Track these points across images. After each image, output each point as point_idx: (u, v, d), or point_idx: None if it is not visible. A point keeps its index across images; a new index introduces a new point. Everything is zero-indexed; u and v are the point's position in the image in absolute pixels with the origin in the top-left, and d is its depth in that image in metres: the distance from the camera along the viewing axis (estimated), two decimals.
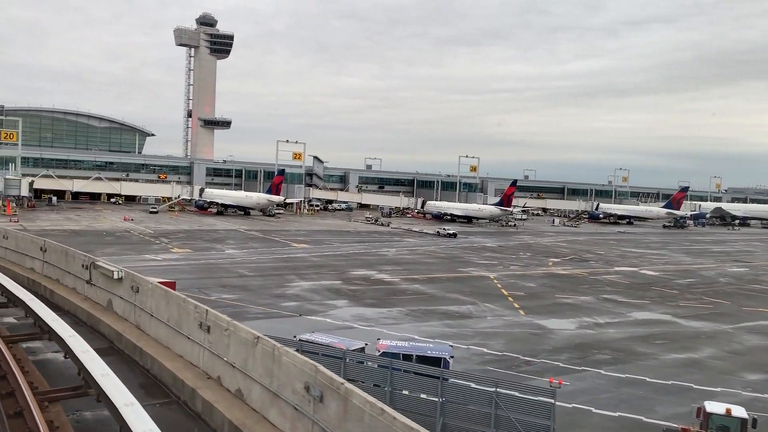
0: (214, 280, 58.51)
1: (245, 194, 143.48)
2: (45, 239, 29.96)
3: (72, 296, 26.83)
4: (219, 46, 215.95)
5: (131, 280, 23.42)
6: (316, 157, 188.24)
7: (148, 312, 22.07)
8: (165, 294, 21.67)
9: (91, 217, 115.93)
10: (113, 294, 24.30)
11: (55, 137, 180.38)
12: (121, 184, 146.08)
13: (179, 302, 20.74)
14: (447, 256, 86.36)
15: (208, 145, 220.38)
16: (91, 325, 24.17)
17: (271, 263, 71.08)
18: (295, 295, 52.81)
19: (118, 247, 78.31)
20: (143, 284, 23.20)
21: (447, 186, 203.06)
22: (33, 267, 30.83)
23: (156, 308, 21.97)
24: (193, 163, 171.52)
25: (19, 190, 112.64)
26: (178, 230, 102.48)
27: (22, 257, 32.16)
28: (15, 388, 16.69)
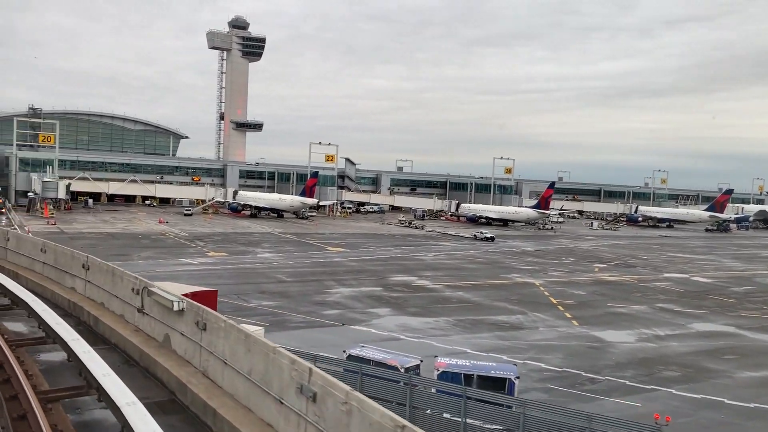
0: (253, 285, 56.93)
1: (278, 197, 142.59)
2: (88, 255, 25.93)
3: (120, 326, 21.89)
4: (251, 48, 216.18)
5: (196, 314, 18.07)
6: (348, 159, 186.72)
7: (219, 357, 16.77)
8: (245, 339, 15.81)
9: (126, 220, 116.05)
10: (172, 329, 19.36)
11: (91, 140, 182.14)
12: (156, 187, 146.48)
13: (266, 352, 14.66)
14: (487, 261, 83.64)
15: (240, 147, 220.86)
16: (145, 366, 19.15)
17: (309, 268, 69.34)
18: (335, 303, 50.86)
19: (154, 250, 77.51)
20: (213, 320, 17.35)
21: (480, 188, 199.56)
22: (74, 286, 26.70)
23: (231, 354, 16.25)
24: (227, 165, 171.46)
25: (56, 193, 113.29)
26: (213, 233, 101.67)
27: (61, 274, 28.00)
28: None
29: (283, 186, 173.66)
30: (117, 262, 67.05)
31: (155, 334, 20.51)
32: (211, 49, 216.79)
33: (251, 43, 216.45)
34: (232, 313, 43.19)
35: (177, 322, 19.01)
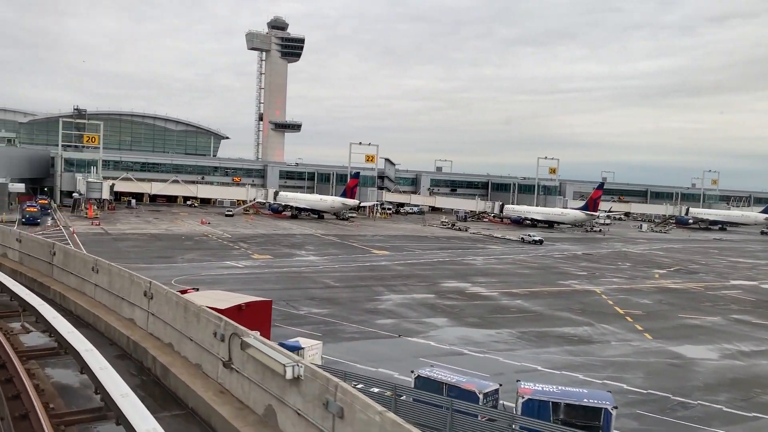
0: (300, 291, 54.72)
1: (319, 198, 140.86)
2: (151, 281, 20.99)
3: (198, 383, 15.94)
4: (290, 49, 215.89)
5: (323, 388, 11.95)
6: (387, 160, 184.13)
7: None
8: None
9: (168, 220, 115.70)
10: (280, 400, 13.32)
11: (134, 140, 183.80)
12: (197, 187, 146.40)
13: None
14: (540, 266, 79.96)
15: (278, 148, 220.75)
16: None
17: (355, 272, 66.89)
18: (388, 311, 48.20)
19: (198, 252, 76.17)
20: (355, 404, 11.15)
21: (523, 189, 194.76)
22: (133, 318, 21.64)
23: None
24: (267, 166, 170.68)
25: (100, 193, 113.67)
26: (256, 234, 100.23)
27: (118, 301, 22.80)
28: None
29: (323, 187, 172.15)
30: (161, 265, 66.06)
31: (251, 403, 14.47)
32: (251, 50, 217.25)
33: (290, 44, 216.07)
34: (282, 321, 41.03)
35: (288, 392, 13.04)
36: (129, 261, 66.45)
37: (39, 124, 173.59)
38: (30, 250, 31.63)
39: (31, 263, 31.30)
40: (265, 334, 31.88)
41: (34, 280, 28.70)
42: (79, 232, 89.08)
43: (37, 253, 30.82)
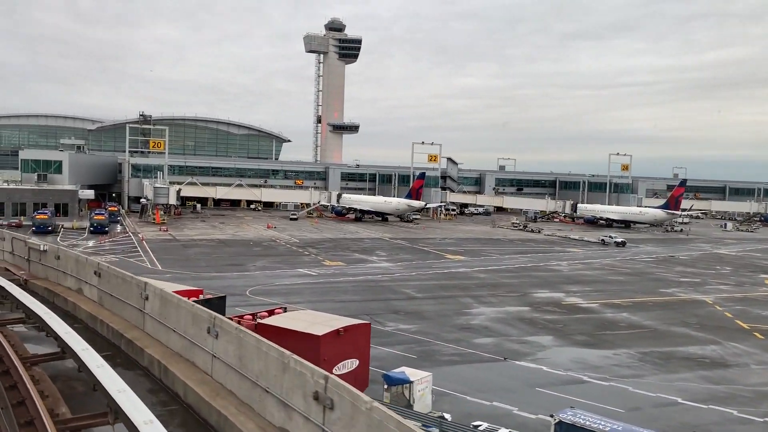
0: (381, 302, 50.79)
1: (384, 199, 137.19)
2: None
3: None
4: (347, 50, 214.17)
5: None
6: (449, 159, 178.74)
7: None
8: None
9: (235, 225, 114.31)
10: None
11: (198, 145, 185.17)
12: (261, 191, 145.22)
13: None
14: (633, 271, 73.61)
15: (336, 149, 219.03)
16: None
17: (435, 280, 62.50)
18: (483, 328, 43.61)
19: (268, 259, 73.47)
20: None
21: (593, 187, 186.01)
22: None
23: None
24: (328, 168, 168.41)
25: (167, 198, 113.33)
26: (323, 239, 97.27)
27: (259, 397, 14.14)
28: None
29: (384, 188, 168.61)
30: (233, 273, 63.49)
31: None
32: (308, 53, 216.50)
33: (347, 45, 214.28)
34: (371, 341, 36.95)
35: None
36: (199, 269, 64.30)
37: (107, 130, 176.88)
38: (113, 288, 23.05)
39: (114, 306, 22.77)
40: (365, 360, 28.10)
41: (120, 335, 20.18)
42: (148, 238, 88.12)
43: (122, 293, 22.18)
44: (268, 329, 26.91)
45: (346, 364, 26.31)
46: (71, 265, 26.61)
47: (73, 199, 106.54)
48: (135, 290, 21.23)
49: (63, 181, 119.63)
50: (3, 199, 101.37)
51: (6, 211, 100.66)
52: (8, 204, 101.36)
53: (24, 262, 30.54)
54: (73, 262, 26.65)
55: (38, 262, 29.37)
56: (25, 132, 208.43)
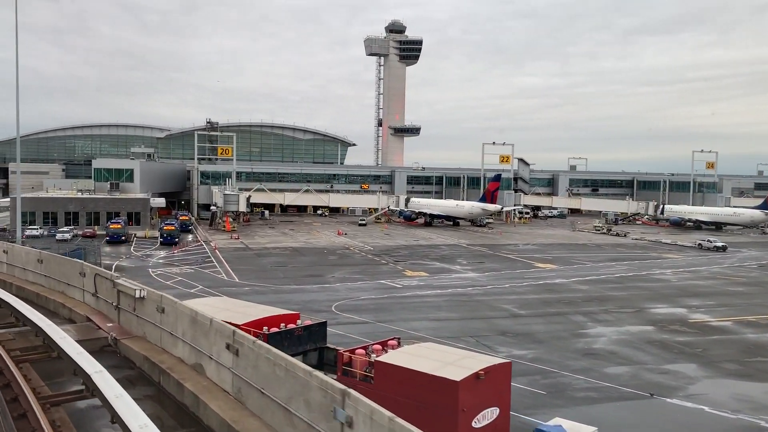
0: (482, 321, 45.63)
1: (455, 203, 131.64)
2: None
3: None
4: (408, 52, 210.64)
5: None
6: (521, 160, 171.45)
7: None
8: None
9: (304, 232, 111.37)
10: None
11: (263, 151, 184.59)
12: (329, 196, 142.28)
13: None
14: (751, 280, 65.72)
15: (398, 152, 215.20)
16: None
17: (534, 294, 56.81)
18: (610, 353, 37.82)
19: (346, 269, 69.42)
20: None
21: (674, 186, 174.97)
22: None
23: None
24: (394, 171, 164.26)
25: (237, 206, 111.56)
26: (397, 246, 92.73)
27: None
28: None
29: (451, 191, 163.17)
30: (314, 286, 59.56)
31: None
32: (369, 56, 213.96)
33: (408, 46, 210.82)
34: None
35: None
36: (277, 281, 60.81)
37: (175, 138, 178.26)
38: (265, 380, 13.99)
39: (266, 411, 13.84)
40: (506, 408, 23.06)
41: None
42: (221, 247, 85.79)
43: (284, 393, 13.18)
44: (388, 370, 22.23)
45: (486, 414, 21.39)
46: (184, 325, 18.08)
47: (145, 207, 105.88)
48: (316, 395, 12.11)
49: (134, 190, 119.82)
50: (77, 208, 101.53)
51: (80, 221, 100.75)
52: (82, 213, 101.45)
53: (112, 309, 21.91)
54: (187, 322, 17.96)
55: (132, 312, 20.64)
56: (97, 141, 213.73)
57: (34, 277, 28.03)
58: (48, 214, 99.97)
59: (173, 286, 57.10)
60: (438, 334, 40.77)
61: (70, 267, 25.59)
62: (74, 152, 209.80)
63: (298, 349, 27.70)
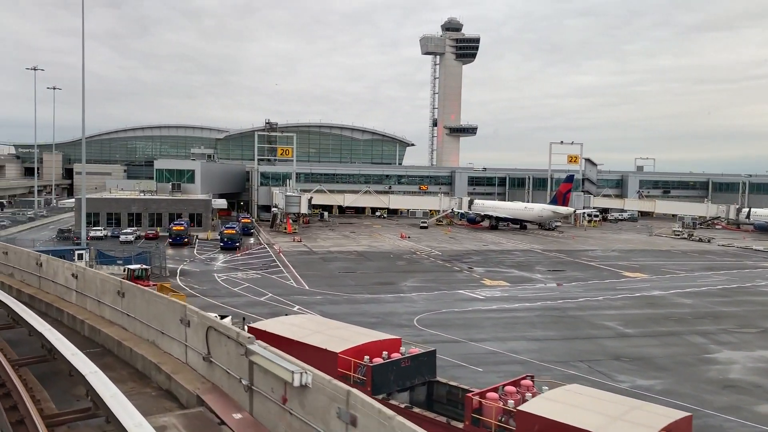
0: (586, 341, 40.50)
1: (524, 205, 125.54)
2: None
3: None
4: (464, 50, 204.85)
5: None
6: (588, 160, 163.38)
7: None
8: None
9: (366, 234, 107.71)
10: None
11: (322, 151, 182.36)
12: (389, 198, 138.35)
13: None
14: None
15: (453, 153, 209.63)
16: None
17: (635, 308, 51.12)
18: (754, 386, 32.19)
19: (418, 276, 65.11)
20: None
21: (754, 188, 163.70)
22: None
23: None
24: (454, 172, 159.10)
25: (299, 207, 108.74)
26: (467, 251, 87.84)
27: None
28: None
29: (515, 192, 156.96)
30: (389, 295, 55.29)
31: None
32: (424, 55, 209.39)
33: (465, 44, 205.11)
34: None
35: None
36: (349, 289, 56.96)
37: (234, 139, 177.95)
38: None
39: None
40: None
41: None
42: (285, 251, 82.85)
43: None
44: (536, 424, 17.53)
45: None
46: None
47: (206, 208, 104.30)
48: None
49: (195, 191, 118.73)
50: (140, 209, 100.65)
51: (143, 222, 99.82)
52: (145, 214, 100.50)
53: (238, 387, 13.06)
54: None
55: (280, 405, 11.69)
56: (157, 142, 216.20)
57: (112, 314, 19.20)
58: (111, 215, 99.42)
59: (241, 293, 54.05)
60: (542, 357, 35.98)
61: (165, 309, 16.46)
62: (135, 153, 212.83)
63: (404, 383, 23.37)
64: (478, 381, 31.13)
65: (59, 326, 18.15)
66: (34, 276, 24.63)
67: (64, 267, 22.82)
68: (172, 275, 62.37)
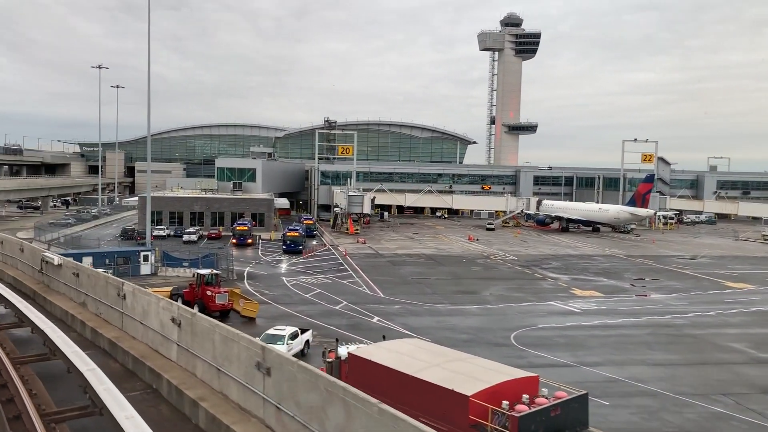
0: (718, 368, 34.91)
1: (598, 206, 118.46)
2: None
3: None
4: (524, 45, 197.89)
5: None
6: (661, 159, 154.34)
7: None
8: None
9: (430, 236, 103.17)
10: None
11: (380, 149, 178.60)
12: (452, 198, 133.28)
13: None
14: None
15: (512, 151, 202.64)
16: None
17: (759, 327, 44.93)
18: None
19: (499, 284, 60.23)
20: None
21: None
22: None
23: None
24: (519, 171, 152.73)
25: (362, 207, 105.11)
26: (543, 256, 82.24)
27: None
28: None
29: (582, 192, 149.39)
30: (472, 306, 50.55)
31: None
32: (482, 51, 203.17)
33: (525, 40, 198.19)
34: None
35: None
36: (426, 297, 52.55)
37: (293, 137, 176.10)
38: None
39: None
40: None
41: None
42: (351, 253, 79.21)
43: None
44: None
45: None
46: None
47: (269, 208, 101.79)
48: None
49: (256, 189, 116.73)
50: (202, 208, 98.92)
51: (205, 221, 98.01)
52: (207, 214, 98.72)
53: None
54: None
55: None
56: (216, 141, 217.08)
57: (244, 398, 13.54)
58: (174, 214, 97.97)
59: (313, 300, 50.41)
60: (674, 388, 30.75)
61: None
62: (194, 152, 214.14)
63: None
64: (608, 418, 26.36)
65: (155, 397, 13.22)
66: (115, 311, 19.75)
67: (159, 306, 17.61)
68: (239, 278, 59.39)
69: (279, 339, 33.19)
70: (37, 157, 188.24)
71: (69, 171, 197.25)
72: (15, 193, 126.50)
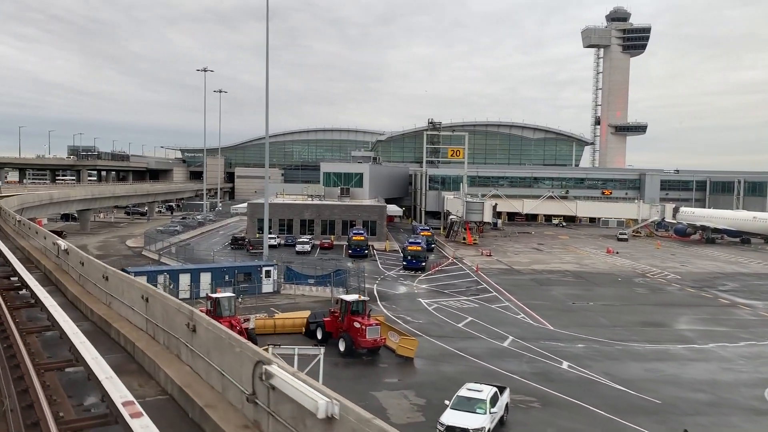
0: None
1: (752, 215, 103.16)
2: None
3: None
4: (633, 41, 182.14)
5: None
6: None
7: None
8: None
9: (558, 247, 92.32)
10: None
11: (488, 152, 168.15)
12: (576, 204, 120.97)
13: None
14: None
15: (619, 153, 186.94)
16: None
17: None
18: None
19: (685, 312, 49.20)
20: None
21: None
22: None
23: None
24: (644, 175, 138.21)
25: (481, 215, 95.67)
26: (709, 273, 69.69)
27: None
28: None
29: (717, 198, 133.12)
30: (680, 347, 37.83)
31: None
32: (586, 48, 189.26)
33: (633, 35, 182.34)
34: None
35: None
36: (609, 333, 41.83)
37: (395, 141, 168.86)
38: None
39: None
40: None
41: None
42: (482, 268, 69.96)
43: None
44: None
45: None
46: None
47: (381, 215, 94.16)
48: None
49: (363, 195, 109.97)
50: (313, 215, 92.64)
51: (315, 230, 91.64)
52: (317, 221, 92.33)
53: None
54: None
55: None
56: (312, 146, 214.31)
57: None
58: (283, 222, 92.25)
59: (470, 332, 41.51)
60: None
61: None
62: (292, 157, 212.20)
63: None
64: None
65: None
66: None
67: None
68: (370, 299, 51.47)
69: (479, 404, 24.49)
70: (143, 163, 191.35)
71: (171, 176, 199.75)
72: (124, 199, 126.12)
